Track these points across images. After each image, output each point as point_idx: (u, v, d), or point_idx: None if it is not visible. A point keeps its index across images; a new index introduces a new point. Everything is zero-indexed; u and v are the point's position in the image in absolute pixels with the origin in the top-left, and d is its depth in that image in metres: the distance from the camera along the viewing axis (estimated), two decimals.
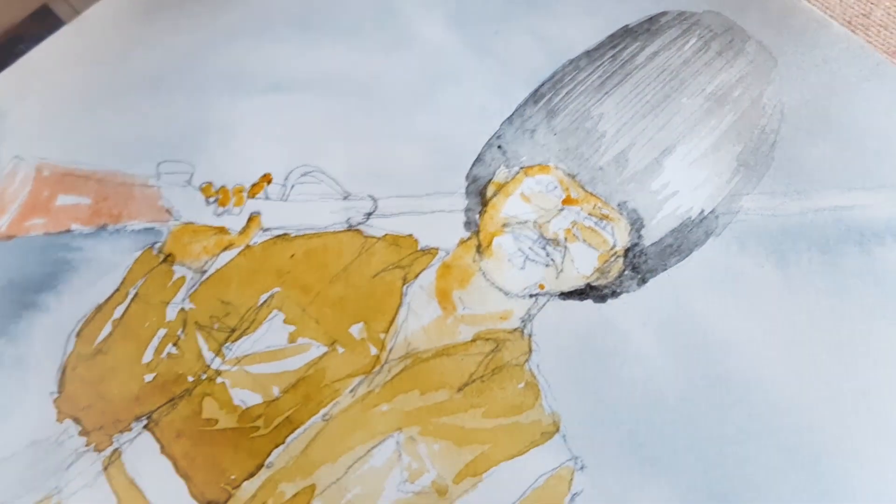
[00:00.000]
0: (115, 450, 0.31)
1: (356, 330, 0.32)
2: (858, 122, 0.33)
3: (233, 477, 0.30)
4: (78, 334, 0.33)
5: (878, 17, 0.35)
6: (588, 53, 0.36)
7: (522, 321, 0.32)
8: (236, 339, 0.33)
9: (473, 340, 0.31)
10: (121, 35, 0.40)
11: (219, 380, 0.32)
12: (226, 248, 0.34)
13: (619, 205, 0.33)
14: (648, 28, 0.36)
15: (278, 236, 0.34)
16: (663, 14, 0.37)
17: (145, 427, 0.31)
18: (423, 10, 0.39)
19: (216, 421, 0.31)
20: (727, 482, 0.28)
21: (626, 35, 0.36)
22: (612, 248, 0.32)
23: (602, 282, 0.32)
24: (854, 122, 0.33)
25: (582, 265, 0.32)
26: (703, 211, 0.32)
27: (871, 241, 0.31)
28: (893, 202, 0.32)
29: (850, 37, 0.35)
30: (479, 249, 0.33)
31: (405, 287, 0.33)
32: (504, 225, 0.33)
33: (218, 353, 0.32)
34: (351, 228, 0.34)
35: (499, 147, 0.35)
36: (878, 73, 0.34)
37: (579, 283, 0.32)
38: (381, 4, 0.39)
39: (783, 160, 0.33)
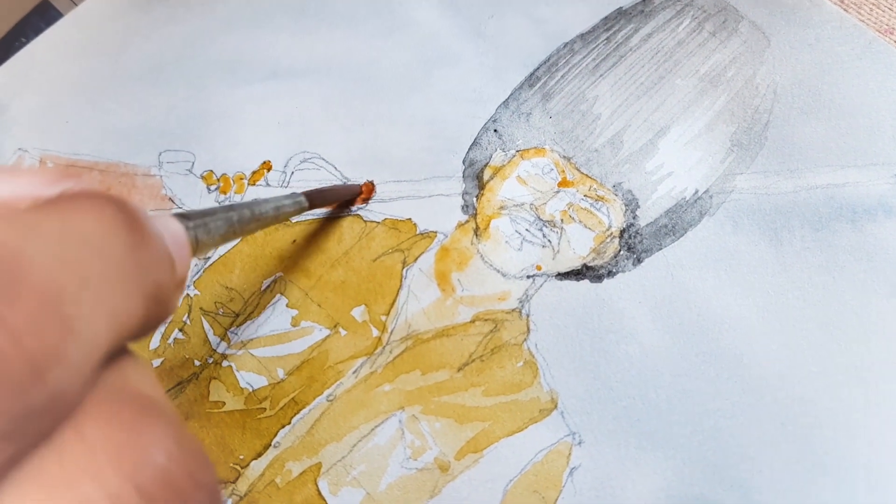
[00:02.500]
0: None
1: (358, 313, 0.33)
2: (851, 101, 0.33)
3: (241, 457, 0.31)
4: None
5: None
6: (582, 36, 0.36)
7: (520, 302, 0.32)
8: (241, 324, 0.33)
9: (472, 321, 0.32)
10: (119, 26, 0.41)
11: (225, 363, 0.33)
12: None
13: (614, 186, 0.33)
14: (642, 10, 0.36)
15: (284, 223, 0.35)
16: None
17: None
18: None
19: (223, 403, 0.32)
20: (722, 455, 0.29)
21: (620, 17, 0.36)
22: (607, 229, 0.33)
23: (598, 262, 0.32)
24: (846, 101, 0.33)
25: (578, 246, 0.33)
26: (697, 191, 0.33)
27: (863, 219, 0.31)
28: (885, 179, 0.32)
29: (843, 15, 0.35)
30: (477, 232, 0.33)
31: (405, 270, 0.33)
32: (501, 208, 0.33)
33: (223, 337, 0.33)
34: (351, 213, 0.34)
35: (495, 131, 0.35)
36: (870, 51, 0.34)
37: (576, 263, 0.32)
38: None
39: (776, 139, 0.33)
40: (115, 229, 0.11)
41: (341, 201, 0.34)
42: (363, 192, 0.34)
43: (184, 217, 0.17)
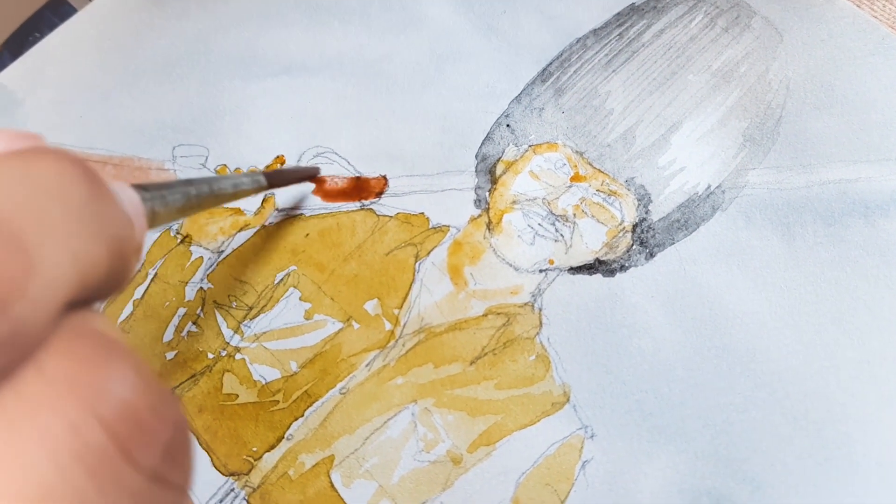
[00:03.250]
0: None
1: (370, 306, 0.33)
2: (864, 96, 0.33)
3: (254, 449, 0.31)
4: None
5: None
6: (595, 32, 0.36)
7: (533, 295, 0.32)
8: (254, 317, 0.33)
9: (485, 315, 0.32)
10: (133, 21, 0.41)
11: (238, 356, 0.33)
12: (241, 229, 0.35)
13: (626, 181, 0.33)
14: (655, 6, 0.36)
15: (293, 216, 0.35)
16: None
17: None
18: None
19: (236, 396, 0.32)
20: (733, 449, 0.29)
21: (632, 13, 0.36)
22: (620, 224, 0.33)
23: (610, 256, 0.32)
24: (859, 96, 0.33)
25: (591, 240, 0.33)
26: (709, 186, 0.33)
27: (875, 214, 0.31)
28: None
29: (856, 11, 0.35)
30: (490, 226, 0.33)
31: (418, 264, 0.33)
32: (514, 202, 0.34)
33: (237, 330, 0.33)
34: (364, 208, 0.35)
35: (507, 126, 0.35)
36: (883, 46, 0.34)
37: (588, 257, 0.33)
38: None
39: (789, 135, 0.33)
40: (75, 180, 0.12)
41: (299, 181, 0.34)
42: (318, 175, 0.34)
43: (141, 188, 0.18)
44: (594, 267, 0.32)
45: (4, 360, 0.10)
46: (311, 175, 0.34)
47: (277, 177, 0.30)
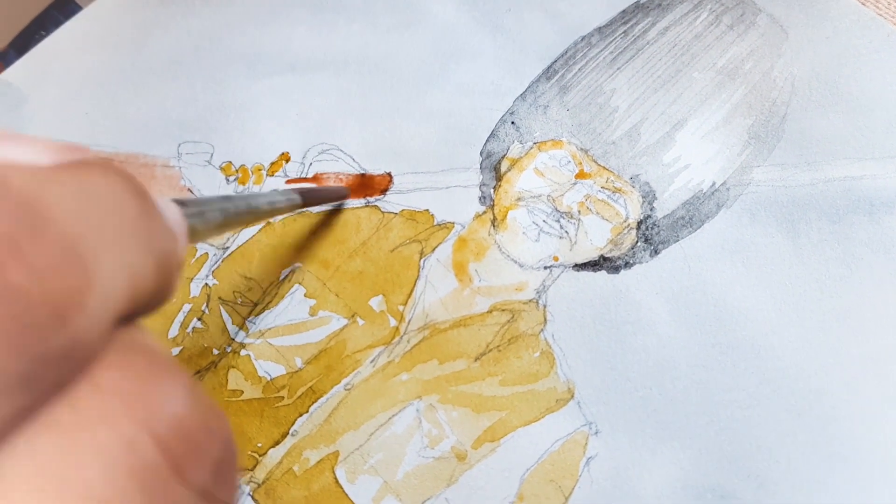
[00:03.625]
0: None
1: (375, 302, 0.33)
2: (869, 93, 0.33)
3: (259, 445, 0.31)
4: None
5: None
6: (600, 30, 0.36)
7: (537, 292, 0.32)
8: (259, 313, 0.33)
9: (490, 311, 0.32)
10: (138, 19, 0.41)
11: (243, 352, 0.33)
12: (247, 225, 0.35)
13: (631, 178, 0.33)
14: (660, 3, 0.36)
15: (298, 213, 0.35)
16: None
17: None
18: None
19: (241, 392, 0.32)
20: (738, 446, 0.29)
21: (637, 11, 0.36)
22: (624, 221, 0.33)
23: (615, 253, 0.32)
24: (864, 93, 0.33)
25: (595, 237, 0.33)
26: (714, 183, 0.33)
27: (880, 211, 0.31)
28: None
29: (861, 8, 0.35)
30: (494, 223, 0.34)
31: (422, 260, 0.33)
32: (518, 199, 0.34)
33: (242, 326, 0.33)
34: (368, 204, 0.35)
35: (512, 123, 0.35)
36: (888, 43, 0.34)
37: (593, 254, 0.33)
38: None
39: (794, 132, 0.33)
40: (126, 194, 0.12)
41: (332, 201, 0.35)
42: (349, 196, 0.35)
43: (181, 203, 0.18)
44: (599, 264, 0.32)
45: (62, 373, 0.10)
46: (343, 196, 0.35)
47: (310, 196, 0.30)
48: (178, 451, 0.10)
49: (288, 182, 0.36)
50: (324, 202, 0.34)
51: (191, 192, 0.36)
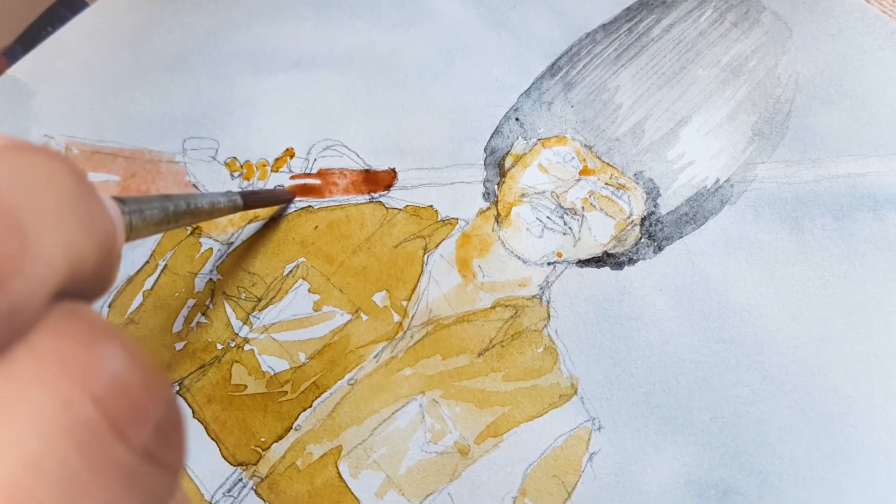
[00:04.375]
0: None
1: (379, 298, 0.33)
2: (873, 91, 0.33)
3: (262, 439, 0.32)
4: (110, 305, 0.34)
5: None
6: (604, 27, 0.36)
7: (541, 288, 0.32)
8: (263, 308, 0.34)
9: (493, 307, 0.32)
10: (144, 16, 0.41)
11: (247, 347, 0.33)
12: (251, 221, 0.35)
13: (635, 174, 0.33)
14: (664, 1, 0.36)
15: (302, 208, 0.35)
16: None
17: (177, 393, 0.33)
18: None
19: (245, 386, 0.32)
20: (741, 441, 0.29)
21: (641, 7, 0.36)
22: (628, 217, 0.33)
23: (619, 249, 0.32)
24: (868, 91, 0.33)
25: (599, 233, 0.33)
26: (718, 180, 0.33)
27: (884, 208, 0.31)
28: None
29: (865, 6, 0.35)
30: (498, 219, 0.34)
31: (426, 256, 0.33)
32: (522, 195, 0.34)
33: (245, 321, 0.33)
34: (373, 200, 0.35)
35: (516, 119, 0.35)
36: (892, 41, 0.34)
37: (596, 250, 0.33)
38: None
39: (798, 129, 0.33)
40: (66, 175, 0.12)
41: (275, 204, 0.35)
42: (293, 201, 0.35)
43: (119, 201, 0.18)
44: (602, 260, 0.32)
45: None
46: (287, 199, 0.35)
47: (253, 198, 0.31)
48: (117, 410, 0.10)
49: (292, 178, 0.36)
50: (267, 205, 0.34)
51: (196, 187, 0.36)
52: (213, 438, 0.32)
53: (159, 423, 0.11)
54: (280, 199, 0.35)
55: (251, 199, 0.30)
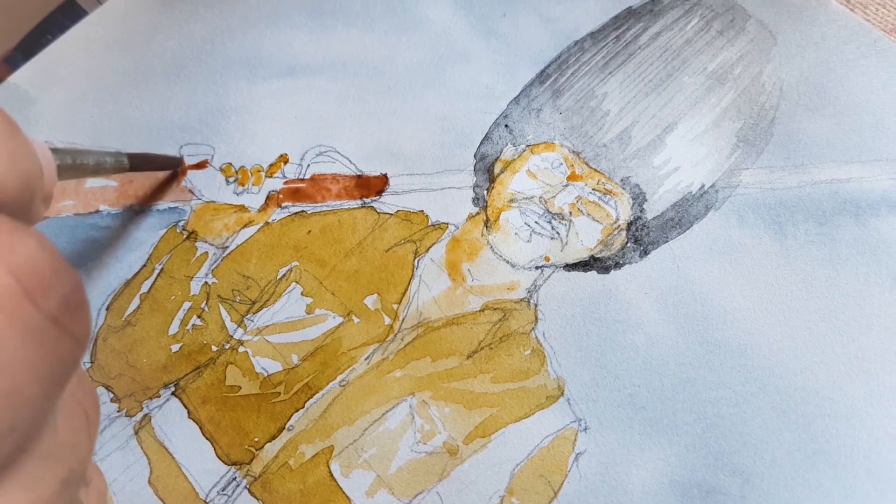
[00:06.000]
0: (146, 415, 0.33)
1: (370, 301, 0.34)
2: (856, 98, 0.34)
3: (256, 439, 0.32)
4: (108, 308, 0.35)
5: None
6: (592, 35, 0.37)
7: (529, 291, 0.33)
8: (257, 311, 0.34)
9: (482, 310, 0.33)
10: (142, 24, 0.42)
11: (241, 349, 0.34)
12: (246, 226, 0.36)
13: (622, 180, 0.34)
14: (651, 9, 0.37)
15: (295, 213, 0.36)
16: None
17: (173, 394, 0.33)
18: None
19: (239, 388, 0.33)
20: (724, 442, 0.30)
21: (629, 16, 0.37)
22: (615, 222, 0.33)
23: (605, 254, 0.33)
24: (851, 98, 0.34)
25: (586, 238, 0.33)
26: (703, 185, 0.34)
27: (866, 213, 0.32)
28: (889, 175, 0.32)
29: (849, 14, 0.35)
30: (487, 224, 0.34)
31: (417, 260, 0.34)
32: (511, 200, 0.34)
33: (240, 324, 0.34)
34: (364, 205, 0.35)
35: (506, 126, 0.36)
36: (875, 49, 0.35)
37: (583, 255, 0.33)
38: None
39: (782, 135, 0.34)
40: None
41: (162, 169, 0.37)
42: (184, 165, 0.37)
43: (53, 150, 0.22)
44: (589, 264, 0.33)
45: None
46: (174, 164, 0.37)
47: (140, 160, 0.33)
48: (30, 281, 0.12)
49: (286, 183, 0.36)
50: (154, 168, 0.36)
51: (192, 192, 0.37)
52: (207, 438, 0.32)
53: (65, 298, 0.13)
54: (168, 163, 0.36)
55: (138, 161, 0.33)
